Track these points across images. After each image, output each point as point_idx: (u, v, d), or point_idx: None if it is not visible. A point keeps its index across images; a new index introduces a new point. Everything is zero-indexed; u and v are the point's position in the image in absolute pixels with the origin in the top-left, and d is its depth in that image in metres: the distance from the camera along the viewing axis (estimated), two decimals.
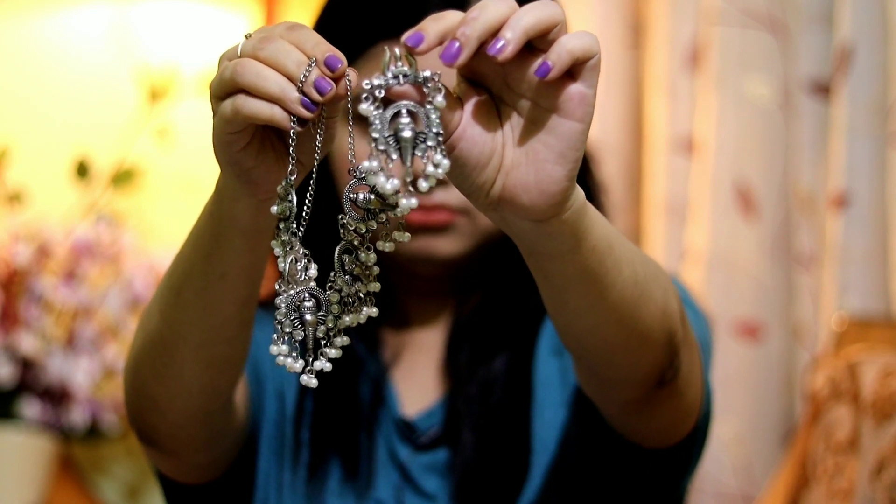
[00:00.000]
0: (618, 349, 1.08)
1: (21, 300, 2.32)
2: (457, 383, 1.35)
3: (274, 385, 1.36)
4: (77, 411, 2.30)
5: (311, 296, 0.98)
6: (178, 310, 1.10)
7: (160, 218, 2.58)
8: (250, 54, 0.94)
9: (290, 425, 1.34)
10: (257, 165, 0.99)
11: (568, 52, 0.89)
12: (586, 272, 1.02)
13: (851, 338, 1.80)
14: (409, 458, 1.33)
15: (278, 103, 0.92)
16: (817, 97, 2.05)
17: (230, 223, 1.05)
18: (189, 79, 2.49)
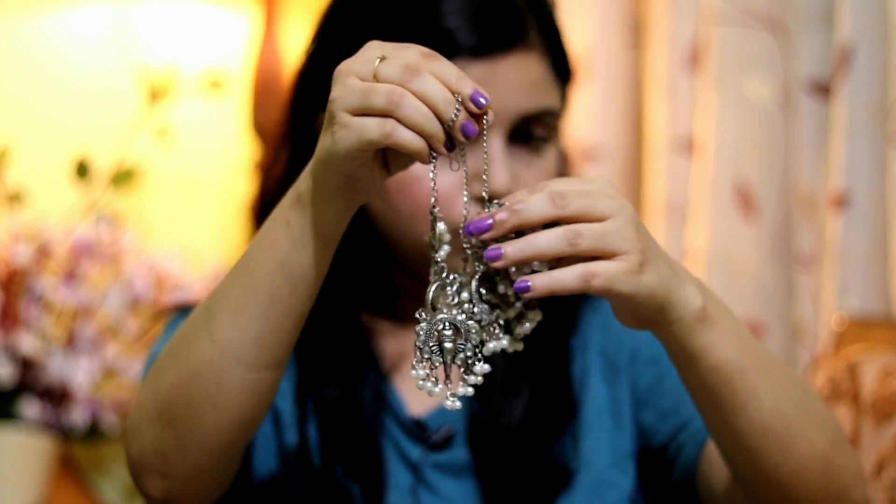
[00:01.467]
0: (760, 483, 1.09)
1: (21, 300, 2.32)
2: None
3: None
4: (77, 411, 2.30)
5: (450, 324, 1.01)
6: (237, 330, 1.10)
7: (160, 218, 2.58)
8: (397, 82, 0.98)
9: (291, 436, 1.32)
10: (365, 176, 1.03)
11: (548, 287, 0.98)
12: (707, 389, 1.06)
13: (851, 338, 1.80)
14: (421, 458, 1.32)
15: (427, 140, 0.98)
16: (817, 97, 2.05)
17: (315, 229, 1.07)
18: (189, 79, 2.49)
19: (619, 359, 1.37)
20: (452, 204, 1.24)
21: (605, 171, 2.38)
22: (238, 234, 2.61)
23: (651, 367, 1.37)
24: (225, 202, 2.65)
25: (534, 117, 1.28)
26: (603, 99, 2.37)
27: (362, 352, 1.34)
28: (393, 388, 1.35)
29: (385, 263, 1.35)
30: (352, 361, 1.33)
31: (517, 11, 1.27)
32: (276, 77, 2.52)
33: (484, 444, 1.31)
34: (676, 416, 1.32)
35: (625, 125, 2.39)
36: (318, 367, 1.32)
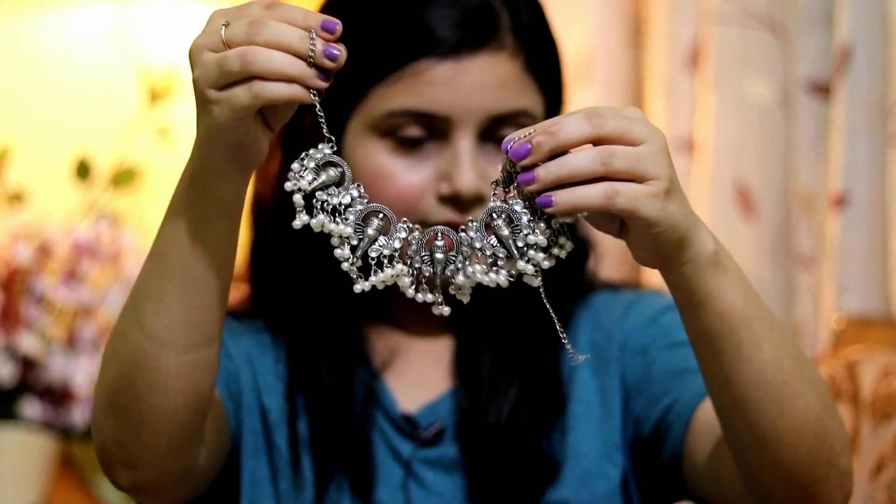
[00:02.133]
0: (753, 443, 1.08)
1: (22, 300, 2.32)
2: (466, 376, 1.34)
3: (253, 396, 1.34)
4: (77, 411, 2.31)
5: (443, 235, 1.00)
6: (161, 316, 1.10)
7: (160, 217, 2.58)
8: (245, 41, 0.98)
9: (281, 433, 1.32)
10: (253, 142, 1.05)
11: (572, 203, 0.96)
12: (712, 335, 1.05)
13: (851, 337, 1.80)
14: (412, 454, 1.32)
15: (297, 81, 0.96)
16: (817, 97, 2.05)
17: (216, 205, 1.08)
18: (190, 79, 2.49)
19: (608, 350, 1.37)
20: (420, 202, 1.25)
21: None
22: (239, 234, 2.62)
23: (640, 356, 1.36)
24: None
25: (505, 118, 1.27)
26: (603, 99, 2.37)
27: (353, 349, 1.34)
28: (384, 385, 1.35)
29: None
30: (343, 358, 1.33)
31: (489, 10, 1.26)
32: None
33: (473, 440, 1.32)
34: (665, 397, 1.32)
35: None
36: (308, 364, 1.32)
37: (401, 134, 1.25)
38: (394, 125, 1.25)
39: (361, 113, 1.27)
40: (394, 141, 1.26)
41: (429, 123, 1.25)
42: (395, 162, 1.26)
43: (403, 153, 1.26)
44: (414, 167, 1.25)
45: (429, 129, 1.25)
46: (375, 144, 1.26)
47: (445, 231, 1.01)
